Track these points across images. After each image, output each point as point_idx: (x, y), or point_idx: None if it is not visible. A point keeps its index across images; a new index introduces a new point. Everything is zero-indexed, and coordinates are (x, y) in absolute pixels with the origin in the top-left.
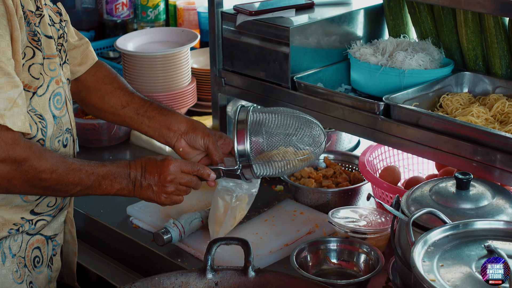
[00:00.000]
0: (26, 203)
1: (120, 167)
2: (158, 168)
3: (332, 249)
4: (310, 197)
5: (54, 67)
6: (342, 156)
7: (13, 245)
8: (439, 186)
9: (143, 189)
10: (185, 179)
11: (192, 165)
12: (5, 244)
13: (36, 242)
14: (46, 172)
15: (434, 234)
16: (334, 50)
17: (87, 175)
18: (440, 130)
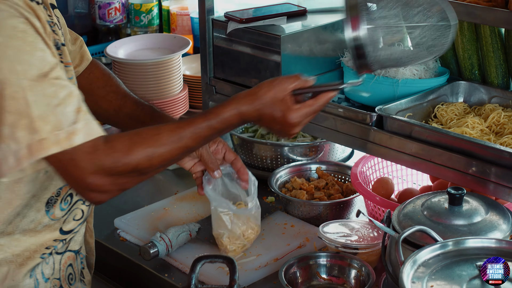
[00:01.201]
0: (54, 221)
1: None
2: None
3: (322, 264)
4: (301, 210)
5: (71, 75)
6: (335, 166)
7: (46, 268)
8: (431, 201)
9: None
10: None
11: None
12: (37, 270)
13: (68, 259)
14: (143, 163)
15: (424, 253)
16: (327, 59)
17: (192, 140)
18: (434, 142)
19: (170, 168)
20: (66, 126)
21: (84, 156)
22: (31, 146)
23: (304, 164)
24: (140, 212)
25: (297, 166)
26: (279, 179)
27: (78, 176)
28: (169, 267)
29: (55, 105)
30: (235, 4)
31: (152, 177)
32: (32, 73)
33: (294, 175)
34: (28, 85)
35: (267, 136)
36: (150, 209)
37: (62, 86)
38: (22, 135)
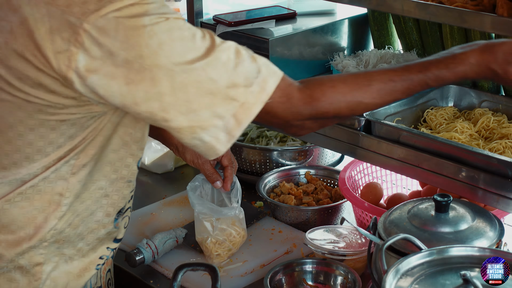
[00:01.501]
0: (115, 230)
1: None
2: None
3: (308, 271)
4: (289, 215)
5: None
6: (324, 171)
7: (93, 277)
8: (418, 208)
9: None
10: None
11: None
12: (88, 282)
13: (107, 265)
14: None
15: (407, 262)
16: (317, 62)
17: (401, 94)
18: (422, 148)
19: (159, 172)
20: (254, 79)
21: (280, 107)
22: (236, 114)
23: (293, 169)
24: None
25: (286, 170)
26: (268, 184)
27: (278, 124)
28: (155, 274)
29: (233, 67)
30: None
31: (140, 181)
32: (201, 51)
33: (283, 179)
34: (205, 63)
35: (257, 140)
36: (137, 214)
37: (226, 48)
38: (222, 109)
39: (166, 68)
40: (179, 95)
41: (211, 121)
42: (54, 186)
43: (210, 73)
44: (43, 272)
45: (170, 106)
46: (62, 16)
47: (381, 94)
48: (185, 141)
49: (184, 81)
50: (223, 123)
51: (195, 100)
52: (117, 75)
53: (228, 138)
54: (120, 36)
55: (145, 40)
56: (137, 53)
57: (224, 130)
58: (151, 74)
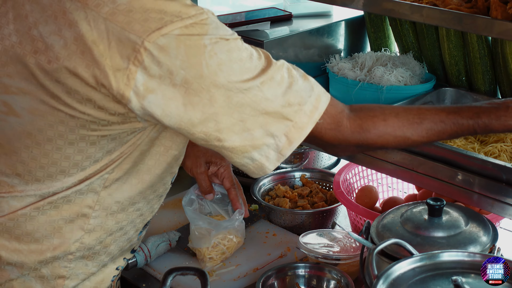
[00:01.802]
0: (138, 242)
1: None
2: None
3: (300, 275)
4: (283, 218)
5: None
6: (319, 174)
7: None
8: (411, 211)
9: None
10: None
11: None
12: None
13: (118, 274)
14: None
15: (398, 268)
16: (312, 64)
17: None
18: (416, 151)
19: None
20: (308, 98)
21: (329, 133)
22: (288, 133)
23: (288, 172)
24: None
25: (281, 173)
26: (263, 187)
27: (322, 145)
28: (147, 277)
29: (288, 86)
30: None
31: None
32: (257, 71)
33: (278, 182)
34: (260, 83)
35: None
36: None
37: (280, 66)
38: (275, 128)
39: (224, 88)
40: (235, 115)
41: (263, 139)
42: (85, 198)
43: (266, 93)
44: (65, 286)
45: (225, 126)
46: (122, 33)
47: (429, 133)
48: (235, 160)
49: (241, 101)
50: (274, 142)
51: (249, 119)
52: (175, 95)
53: (278, 157)
54: (180, 55)
55: (206, 60)
56: (197, 72)
57: (275, 149)
58: (209, 95)
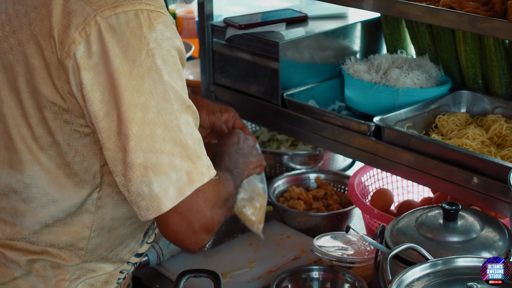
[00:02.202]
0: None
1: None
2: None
3: (314, 278)
4: (298, 220)
5: None
6: (334, 176)
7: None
8: (426, 215)
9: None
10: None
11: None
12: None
13: (127, 279)
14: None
15: (412, 273)
16: (328, 66)
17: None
18: (431, 154)
19: None
20: (205, 157)
21: (211, 190)
22: (190, 173)
23: (303, 173)
24: None
25: (296, 175)
26: (277, 188)
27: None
28: (161, 277)
29: (197, 136)
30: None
31: None
32: (182, 101)
33: (293, 184)
34: (180, 112)
35: (268, 144)
36: None
37: (197, 117)
38: (179, 163)
39: (145, 97)
40: (146, 129)
41: (166, 169)
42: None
43: (181, 124)
44: (66, 283)
45: (133, 136)
46: (79, 3)
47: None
48: (131, 184)
49: (156, 118)
50: (176, 177)
51: (159, 141)
52: (104, 81)
53: (177, 195)
54: (123, 42)
55: (141, 58)
56: (128, 69)
57: (175, 185)
58: (130, 96)
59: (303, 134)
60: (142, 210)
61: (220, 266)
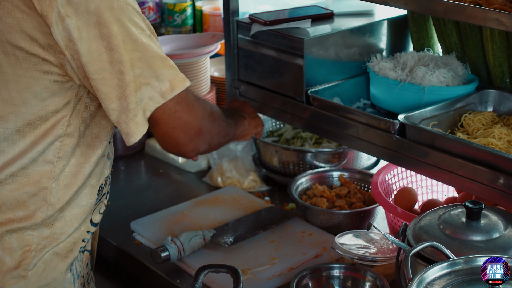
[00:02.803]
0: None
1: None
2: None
3: (335, 276)
4: (320, 218)
5: None
6: (358, 174)
7: (77, 265)
8: (449, 214)
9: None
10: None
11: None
12: (73, 266)
13: (86, 258)
14: (218, 113)
15: (433, 272)
16: (353, 63)
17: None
18: (456, 153)
19: (192, 170)
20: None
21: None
22: (172, 81)
23: (326, 171)
24: (157, 215)
25: (319, 173)
26: (300, 186)
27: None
28: (182, 273)
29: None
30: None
31: (173, 179)
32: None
33: (316, 182)
34: (149, 35)
35: (292, 141)
36: (167, 213)
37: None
38: (163, 72)
39: (128, 25)
40: (135, 53)
41: (150, 80)
42: (42, 169)
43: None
44: (33, 255)
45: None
46: None
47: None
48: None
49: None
50: (159, 85)
51: (143, 58)
52: (88, 21)
53: (160, 99)
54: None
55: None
56: (108, 3)
57: (159, 92)
58: (116, 27)
59: (327, 131)
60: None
61: (241, 262)
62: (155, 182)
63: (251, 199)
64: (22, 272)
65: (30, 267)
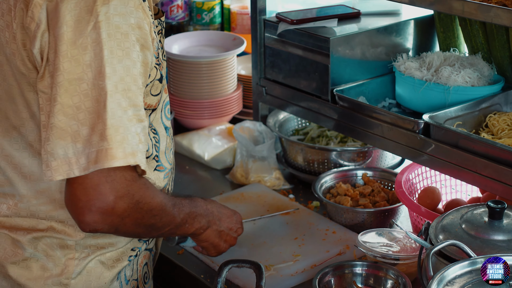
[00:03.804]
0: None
1: (198, 205)
2: (231, 217)
3: (358, 274)
4: (344, 216)
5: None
6: (382, 173)
7: (128, 270)
8: (472, 213)
9: (213, 231)
10: (240, 232)
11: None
12: (122, 273)
13: (144, 258)
14: (157, 209)
15: (454, 270)
16: (379, 63)
17: (178, 213)
18: (480, 153)
19: (218, 167)
20: (133, 144)
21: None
22: (101, 152)
23: (350, 170)
24: None
25: (343, 171)
26: (324, 184)
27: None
28: (205, 268)
29: (125, 122)
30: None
31: (199, 176)
32: (117, 81)
33: (340, 180)
34: (112, 92)
35: (317, 139)
36: None
37: (135, 105)
38: (96, 139)
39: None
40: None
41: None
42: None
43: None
44: (77, 264)
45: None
46: None
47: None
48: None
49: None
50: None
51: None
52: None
53: (85, 167)
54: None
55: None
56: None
57: (86, 157)
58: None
59: (352, 130)
60: (51, 170)
61: (265, 258)
62: (181, 178)
63: (276, 197)
64: (65, 281)
65: (73, 276)
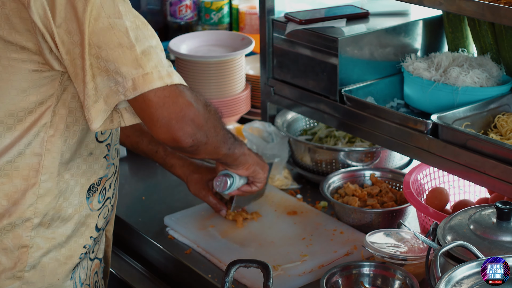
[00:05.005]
0: (92, 212)
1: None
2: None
3: (365, 274)
4: (352, 217)
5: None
6: (390, 173)
7: (82, 272)
8: (480, 214)
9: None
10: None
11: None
12: (76, 273)
13: (96, 266)
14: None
15: (461, 271)
16: (387, 63)
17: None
18: (488, 154)
19: None
20: (166, 66)
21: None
22: (135, 80)
23: (358, 170)
24: (191, 211)
25: (351, 172)
26: (332, 184)
27: (176, 111)
28: (212, 267)
29: (154, 46)
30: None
31: None
32: (132, 16)
33: (347, 181)
34: (130, 24)
35: (325, 139)
36: (200, 208)
37: (154, 35)
38: (126, 70)
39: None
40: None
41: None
42: (30, 162)
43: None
44: (30, 256)
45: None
46: None
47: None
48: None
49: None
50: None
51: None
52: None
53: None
54: None
55: None
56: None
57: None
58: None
59: (360, 130)
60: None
61: (272, 258)
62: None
63: (284, 197)
64: (18, 273)
65: (27, 268)
